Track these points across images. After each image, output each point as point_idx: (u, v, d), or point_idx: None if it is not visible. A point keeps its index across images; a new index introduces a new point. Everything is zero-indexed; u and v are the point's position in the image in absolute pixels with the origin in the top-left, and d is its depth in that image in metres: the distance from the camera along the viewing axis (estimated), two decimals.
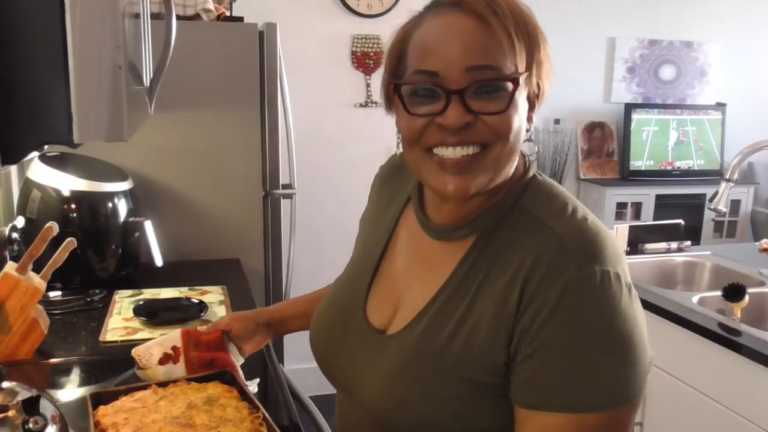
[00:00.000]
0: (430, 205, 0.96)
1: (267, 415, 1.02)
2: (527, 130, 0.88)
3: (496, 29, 0.81)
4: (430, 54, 0.82)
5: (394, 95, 0.87)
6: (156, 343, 1.21)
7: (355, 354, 0.96)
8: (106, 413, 1.03)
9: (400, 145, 0.90)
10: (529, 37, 0.84)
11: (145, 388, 1.12)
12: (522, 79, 0.83)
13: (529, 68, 0.85)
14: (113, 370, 1.47)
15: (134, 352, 1.20)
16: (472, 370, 0.83)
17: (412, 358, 0.88)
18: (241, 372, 1.20)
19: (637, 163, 4.45)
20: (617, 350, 0.78)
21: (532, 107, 0.88)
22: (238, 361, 1.23)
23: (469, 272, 0.88)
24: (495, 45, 0.81)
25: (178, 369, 1.20)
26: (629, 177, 4.43)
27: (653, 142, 4.49)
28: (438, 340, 0.86)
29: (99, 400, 1.07)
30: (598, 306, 0.78)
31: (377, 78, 3.43)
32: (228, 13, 2.45)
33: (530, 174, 0.92)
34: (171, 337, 1.22)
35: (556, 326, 0.78)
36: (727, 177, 2.05)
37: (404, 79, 0.85)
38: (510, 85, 0.81)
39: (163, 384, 1.13)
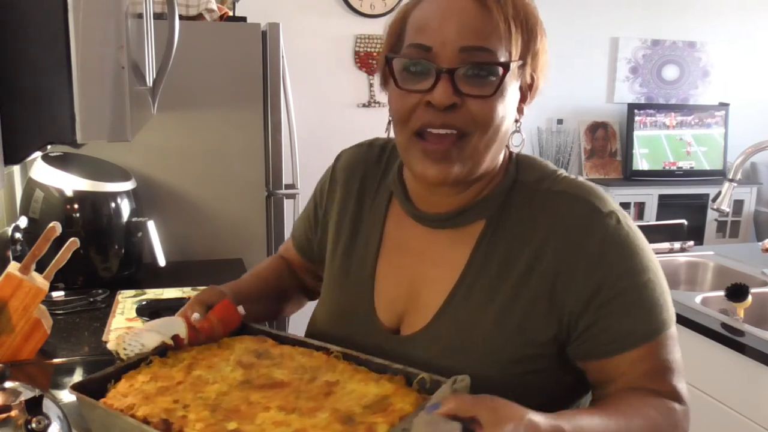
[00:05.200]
0: (419, 198, 0.95)
1: (336, 348, 0.91)
2: (516, 121, 0.89)
3: (494, 13, 0.82)
4: (426, 29, 0.83)
5: (386, 68, 0.88)
6: (150, 331, 0.94)
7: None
8: (117, 395, 0.83)
9: (391, 127, 0.91)
10: (527, 26, 0.85)
11: (137, 365, 0.90)
12: (515, 67, 0.84)
13: (523, 57, 0.86)
14: None
15: (117, 341, 0.94)
16: (510, 349, 0.85)
17: (444, 354, 0.87)
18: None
19: (640, 164, 4.45)
20: (657, 272, 0.87)
21: (524, 99, 0.89)
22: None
23: (487, 257, 0.88)
24: (491, 28, 0.82)
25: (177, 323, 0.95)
26: (632, 177, 4.42)
27: (656, 142, 4.49)
28: (471, 330, 0.87)
29: (84, 389, 0.86)
30: (631, 242, 0.86)
31: None
32: (231, 13, 2.45)
33: (514, 153, 0.95)
34: (171, 324, 0.95)
35: (610, 273, 0.84)
36: (730, 177, 2.05)
37: (399, 53, 0.86)
38: (500, 70, 0.82)
39: (162, 353, 0.92)
